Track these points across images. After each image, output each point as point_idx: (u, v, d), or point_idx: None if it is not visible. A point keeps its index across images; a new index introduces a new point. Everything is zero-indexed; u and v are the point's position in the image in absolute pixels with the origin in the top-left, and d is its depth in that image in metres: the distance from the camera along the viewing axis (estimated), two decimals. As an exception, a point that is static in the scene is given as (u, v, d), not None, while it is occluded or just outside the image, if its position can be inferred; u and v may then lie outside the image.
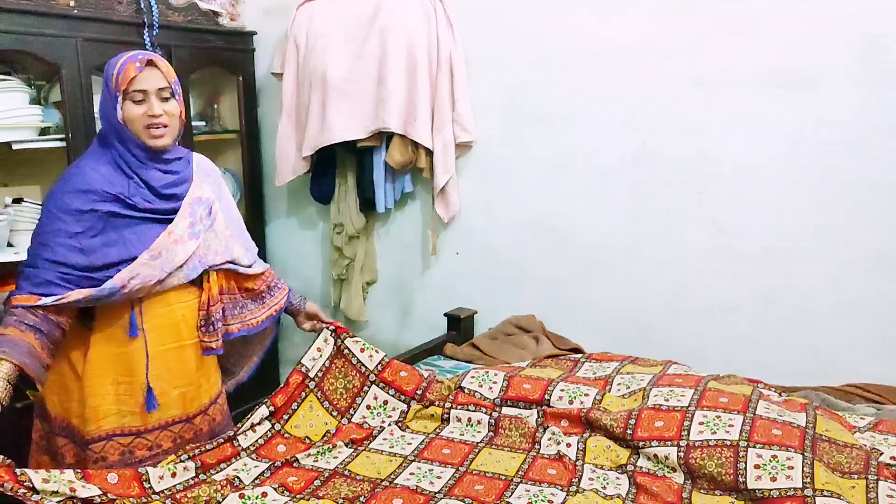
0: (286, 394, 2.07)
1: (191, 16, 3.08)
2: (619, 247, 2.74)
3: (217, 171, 2.08)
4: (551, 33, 2.76)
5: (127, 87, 1.76)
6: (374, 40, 2.92)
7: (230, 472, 1.81)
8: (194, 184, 1.92)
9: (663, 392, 2.07)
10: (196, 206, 1.90)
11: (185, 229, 1.87)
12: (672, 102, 2.58)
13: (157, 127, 1.79)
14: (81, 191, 1.75)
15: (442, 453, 1.93)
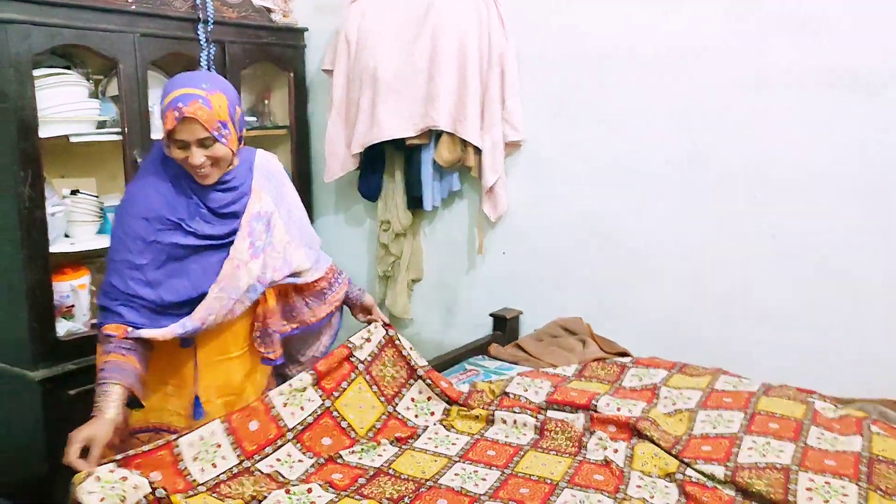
0: (328, 364, 2.01)
1: (244, 12, 3.11)
2: (669, 250, 2.69)
3: (280, 171, 2.04)
4: (603, 32, 2.72)
5: (169, 132, 1.73)
6: (426, 37, 2.91)
7: (273, 461, 1.79)
8: (253, 196, 1.89)
9: (711, 417, 2.04)
10: (255, 223, 1.88)
11: (246, 250, 1.86)
12: (726, 104, 2.52)
13: (202, 169, 1.77)
14: (145, 218, 1.77)
15: (486, 455, 1.92)
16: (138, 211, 1.78)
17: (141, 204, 1.78)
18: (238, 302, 1.87)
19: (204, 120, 1.71)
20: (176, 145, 1.74)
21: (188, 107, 1.69)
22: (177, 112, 1.69)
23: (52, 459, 2.50)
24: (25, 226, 2.42)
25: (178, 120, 1.69)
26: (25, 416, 2.54)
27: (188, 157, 1.74)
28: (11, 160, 2.38)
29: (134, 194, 1.81)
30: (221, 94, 1.76)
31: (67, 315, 2.66)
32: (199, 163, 1.74)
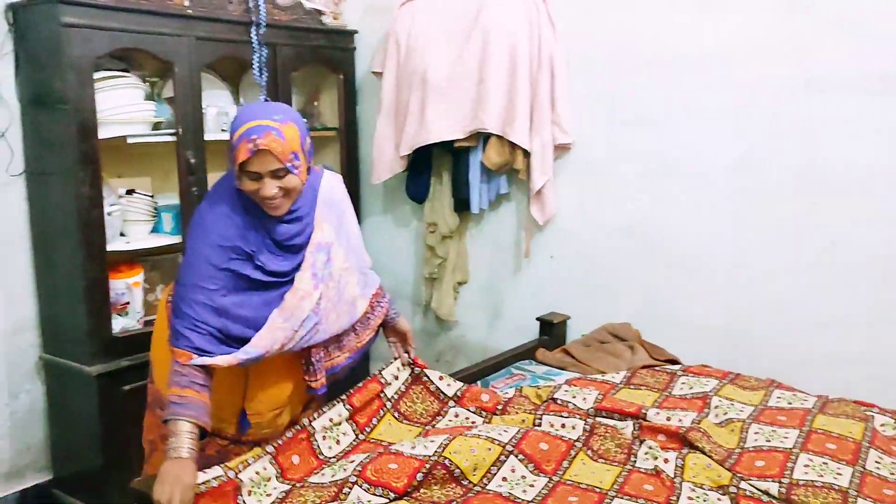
0: (362, 399, 2.04)
1: (295, 14, 3.14)
2: (721, 256, 2.64)
3: (342, 198, 2.00)
4: (655, 34, 2.69)
5: (241, 167, 1.73)
6: (476, 40, 2.91)
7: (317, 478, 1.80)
8: (315, 227, 1.88)
9: (764, 432, 2.00)
10: (316, 254, 1.88)
11: (309, 280, 1.86)
12: (781, 107, 2.46)
13: (273, 201, 1.76)
14: (221, 246, 1.77)
15: (539, 448, 1.88)
16: (214, 238, 1.77)
17: (216, 231, 1.78)
18: (298, 331, 1.86)
19: (278, 152, 1.70)
20: (248, 177, 1.73)
21: (262, 139, 1.68)
22: (251, 144, 1.68)
23: (107, 453, 2.57)
24: (84, 224, 2.49)
25: (252, 152, 1.68)
26: (82, 410, 2.60)
27: (260, 189, 1.73)
28: (72, 161, 2.45)
29: (209, 221, 1.80)
30: (293, 125, 1.76)
31: (122, 312, 2.72)
32: (272, 194, 1.73)
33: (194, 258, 1.77)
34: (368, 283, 2.10)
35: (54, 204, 2.57)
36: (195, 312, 1.75)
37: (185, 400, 1.70)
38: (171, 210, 2.87)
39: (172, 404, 1.70)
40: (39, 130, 2.57)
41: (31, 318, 2.72)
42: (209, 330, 1.76)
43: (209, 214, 1.81)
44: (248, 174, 1.72)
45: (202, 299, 1.75)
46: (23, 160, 2.63)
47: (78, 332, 2.56)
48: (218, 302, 1.77)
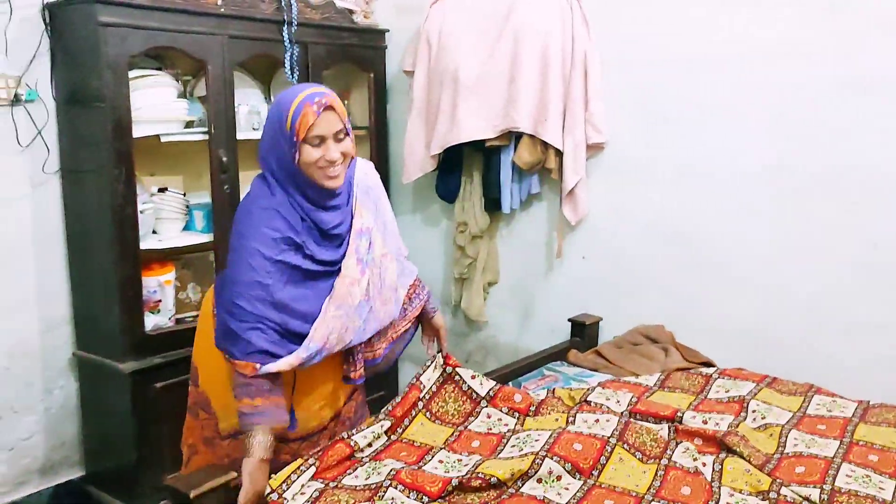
0: (404, 408, 2.04)
1: (327, 13, 3.14)
2: (757, 257, 2.60)
3: (377, 184, 2.02)
4: (692, 33, 2.65)
5: (306, 135, 1.72)
6: (508, 39, 2.89)
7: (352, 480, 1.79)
8: (356, 214, 1.90)
9: (804, 439, 1.96)
10: (359, 240, 1.89)
11: (355, 267, 1.88)
12: (821, 107, 2.42)
13: (334, 168, 1.77)
14: (273, 238, 1.76)
15: (573, 449, 1.85)
16: (264, 232, 1.76)
17: (265, 224, 1.76)
18: (352, 319, 1.87)
19: (340, 111, 1.76)
20: (311, 144, 1.73)
21: (325, 98, 1.73)
22: (315, 106, 1.71)
23: (140, 449, 2.58)
24: (118, 222, 2.50)
25: (320, 111, 1.71)
26: (115, 407, 2.62)
27: (325, 154, 1.74)
28: (107, 159, 2.47)
29: (256, 216, 1.78)
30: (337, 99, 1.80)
31: (154, 310, 2.74)
32: (337, 157, 1.75)
33: (246, 254, 1.75)
34: (405, 273, 2.09)
35: (89, 202, 2.59)
36: (255, 308, 1.73)
37: (257, 409, 1.72)
38: (203, 208, 2.88)
39: (245, 415, 1.73)
40: (75, 129, 2.60)
41: (65, 315, 2.75)
42: (271, 326, 1.75)
43: (255, 209, 1.80)
44: (310, 142, 1.73)
45: (261, 294, 1.74)
46: (58, 158, 2.66)
47: (111, 329, 2.58)
48: (276, 296, 1.75)
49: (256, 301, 1.74)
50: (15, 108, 2.54)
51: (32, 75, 2.56)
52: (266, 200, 1.79)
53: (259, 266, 1.74)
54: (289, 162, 1.76)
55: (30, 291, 2.66)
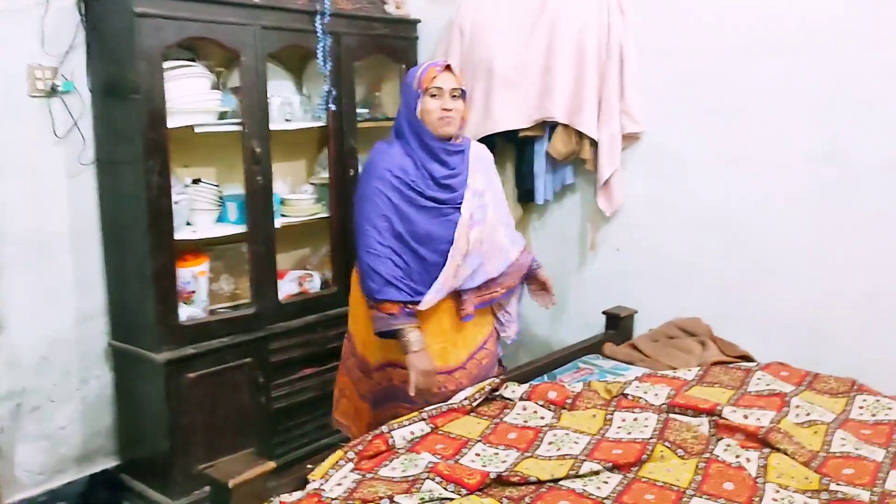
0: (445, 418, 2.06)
1: (359, 3, 3.13)
2: (802, 250, 2.54)
3: (490, 159, 2.42)
4: (732, 18, 2.60)
5: (428, 86, 2.16)
6: (543, 29, 2.85)
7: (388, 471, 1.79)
8: (469, 175, 2.26)
9: (850, 440, 1.91)
10: (473, 198, 2.25)
11: (468, 219, 2.23)
12: (872, 94, 2.35)
13: (448, 117, 2.17)
14: (390, 171, 2.16)
15: (613, 454, 1.83)
16: (380, 170, 2.17)
17: (382, 165, 2.18)
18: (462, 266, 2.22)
19: (456, 73, 2.22)
20: (430, 95, 2.17)
21: (445, 63, 2.21)
22: (438, 67, 2.19)
23: (173, 438, 2.60)
24: (153, 213, 2.51)
25: (440, 71, 2.18)
26: (149, 396, 2.64)
27: (441, 105, 2.17)
28: (142, 150, 2.48)
29: (376, 160, 2.21)
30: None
31: (188, 301, 2.75)
32: (451, 106, 2.18)
33: (368, 191, 2.17)
34: (516, 240, 2.45)
35: (124, 192, 2.60)
36: (382, 237, 2.14)
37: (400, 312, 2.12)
38: (236, 199, 2.88)
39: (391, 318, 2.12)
40: (110, 120, 2.61)
41: (101, 306, 2.77)
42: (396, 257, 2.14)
43: (378, 157, 2.22)
44: (430, 92, 2.17)
45: (384, 225, 2.15)
46: (94, 149, 2.67)
47: (146, 319, 2.59)
48: (396, 228, 2.15)
49: (383, 231, 2.15)
50: (51, 99, 2.56)
51: (68, 66, 2.58)
52: (385, 149, 2.23)
53: (380, 200, 2.15)
54: (412, 113, 2.20)
55: (66, 282, 2.68)
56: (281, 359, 2.90)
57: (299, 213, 3.09)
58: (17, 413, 2.59)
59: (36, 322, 2.62)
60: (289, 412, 2.95)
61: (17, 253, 2.54)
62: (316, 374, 3.03)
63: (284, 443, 2.95)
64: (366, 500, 1.63)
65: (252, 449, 2.80)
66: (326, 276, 3.22)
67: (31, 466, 2.64)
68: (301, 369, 2.99)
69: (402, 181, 2.16)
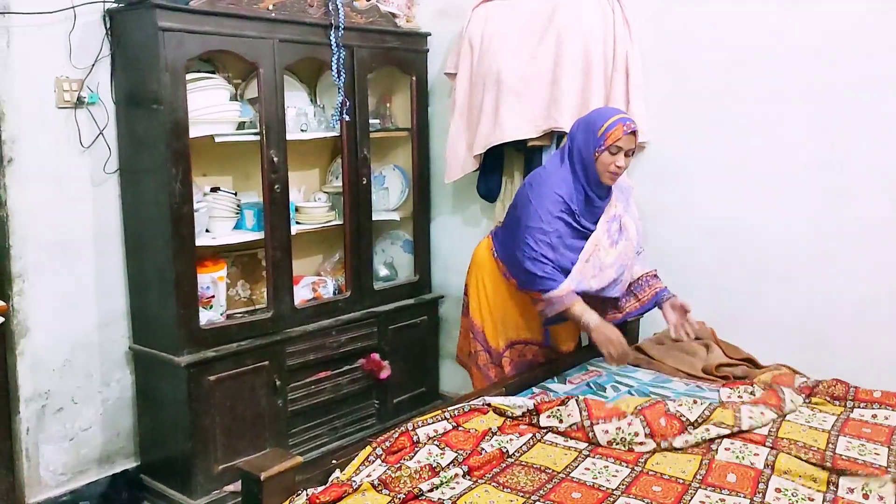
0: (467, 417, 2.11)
1: (371, 17, 3.22)
2: (802, 256, 2.62)
3: (628, 186, 2.65)
4: (733, 31, 2.69)
5: (612, 143, 2.36)
6: (550, 40, 2.94)
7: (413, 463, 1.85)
8: (610, 203, 2.52)
9: (854, 445, 1.95)
10: (610, 223, 2.51)
11: (605, 240, 2.50)
12: (869, 105, 2.44)
13: (617, 174, 2.41)
14: (559, 196, 2.42)
15: (615, 451, 1.92)
16: (556, 190, 2.43)
17: (558, 185, 2.44)
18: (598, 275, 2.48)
19: (636, 137, 2.41)
20: (610, 151, 2.37)
21: (633, 125, 2.39)
22: (625, 127, 2.37)
23: (194, 440, 2.67)
24: (175, 219, 2.59)
25: (626, 132, 2.36)
26: (170, 399, 2.71)
27: (615, 161, 2.38)
28: (164, 159, 2.56)
29: (552, 182, 2.45)
30: None
31: (207, 305, 2.82)
32: (623, 166, 2.40)
33: (539, 207, 2.42)
34: (644, 263, 2.68)
35: (146, 200, 2.68)
36: (538, 246, 2.41)
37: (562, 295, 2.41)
38: (254, 207, 2.96)
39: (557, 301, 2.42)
40: (134, 130, 2.69)
41: (122, 310, 2.85)
42: (547, 262, 2.41)
43: (551, 178, 2.46)
44: (611, 150, 2.36)
45: (543, 238, 2.41)
46: (117, 158, 2.76)
47: (167, 323, 2.67)
48: (553, 241, 2.43)
49: (540, 242, 2.41)
50: (78, 110, 2.64)
51: (94, 79, 2.66)
52: (558, 174, 2.46)
53: (546, 218, 2.41)
54: (589, 155, 2.41)
55: (89, 287, 2.76)
56: (297, 362, 2.98)
57: (313, 220, 3.18)
58: (42, 414, 2.66)
59: (60, 326, 2.69)
60: (304, 414, 3.03)
61: (41, 259, 2.62)
62: (330, 377, 3.10)
63: (300, 444, 3.02)
64: (390, 486, 1.70)
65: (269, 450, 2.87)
66: (339, 282, 3.30)
67: (54, 467, 2.71)
68: (316, 372, 3.06)
69: (568, 207, 2.43)
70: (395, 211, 3.54)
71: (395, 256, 3.65)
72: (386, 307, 3.33)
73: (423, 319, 3.48)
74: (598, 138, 2.38)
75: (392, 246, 3.68)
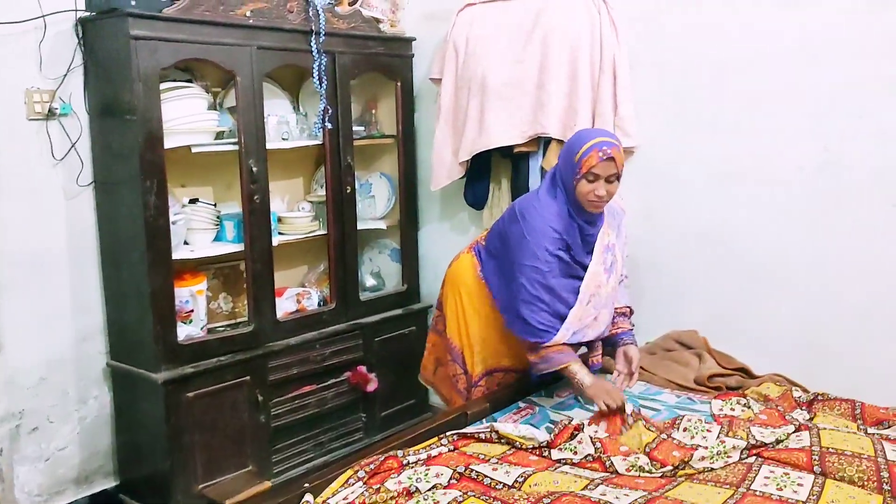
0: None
1: (354, 23, 3.15)
2: (796, 261, 2.55)
3: (620, 210, 2.44)
4: (725, 32, 2.62)
5: (587, 171, 2.14)
6: (536, 44, 2.88)
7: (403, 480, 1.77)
8: (603, 231, 2.30)
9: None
10: (605, 254, 2.31)
11: (602, 273, 2.29)
12: (862, 106, 2.37)
13: (598, 203, 2.19)
14: (555, 231, 2.22)
15: (635, 482, 1.78)
16: (551, 226, 2.22)
17: (552, 221, 2.23)
18: (597, 317, 2.31)
19: (619, 161, 2.16)
20: (587, 179, 2.15)
21: (611, 150, 2.15)
22: (601, 153, 2.14)
23: (173, 458, 2.60)
24: (150, 232, 2.53)
25: (602, 159, 2.13)
26: (148, 416, 2.64)
27: (594, 190, 2.16)
28: (139, 170, 2.49)
29: (546, 216, 2.23)
30: (622, 149, 2.22)
31: (186, 320, 2.75)
32: (603, 194, 2.16)
33: (534, 245, 2.22)
34: (624, 294, 2.50)
35: (122, 213, 2.62)
36: (533, 288, 2.21)
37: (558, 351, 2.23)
38: (234, 219, 2.89)
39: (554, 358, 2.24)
40: (107, 141, 2.63)
41: (99, 326, 2.78)
42: (542, 306, 2.22)
43: (545, 212, 2.24)
44: (587, 177, 2.15)
45: (538, 278, 2.21)
46: (91, 171, 2.69)
47: (145, 338, 2.60)
48: (549, 282, 2.22)
49: (535, 283, 2.21)
50: (49, 121, 2.58)
51: (66, 89, 2.60)
52: (552, 207, 2.25)
53: (542, 256, 2.21)
54: (570, 182, 2.21)
55: (65, 302, 2.69)
56: (279, 377, 2.90)
57: (297, 230, 3.11)
58: (16, 434, 2.59)
59: (34, 343, 2.62)
60: (289, 430, 2.96)
61: (15, 274, 2.56)
62: (315, 391, 3.03)
63: (284, 461, 2.95)
64: None
65: (251, 468, 2.80)
66: (324, 294, 3.23)
67: (30, 488, 2.64)
68: (300, 387, 2.99)
69: (565, 243, 2.24)
70: (382, 219, 3.47)
71: (383, 266, 3.58)
72: (373, 318, 3.26)
73: (412, 330, 3.40)
74: (575, 164, 2.17)
75: (379, 255, 3.61)
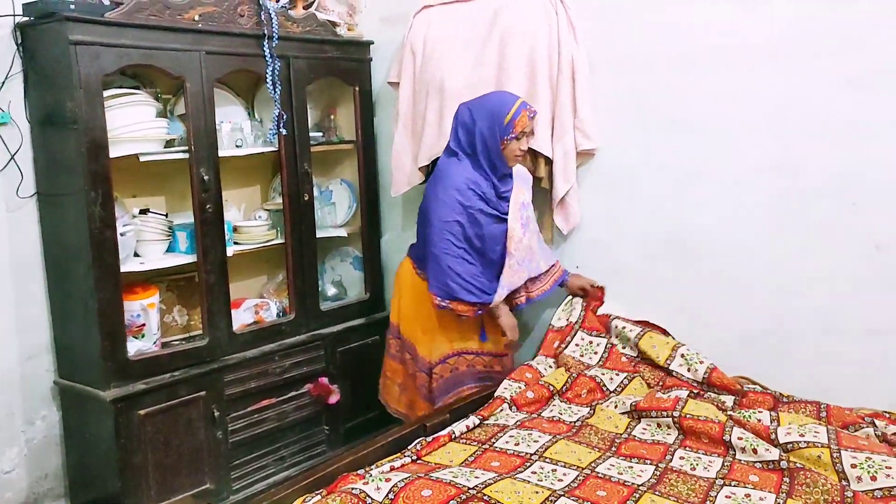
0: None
1: (309, 26, 3.07)
2: (759, 263, 2.52)
3: (529, 177, 2.72)
4: (683, 31, 2.60)
5: (521, 130, 2.45)
6: (493, 45, 2.83)
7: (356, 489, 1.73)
8: (516, 189, 2.58)
9: (859, 458, 1.84)
10: (521, 210, 2.57)
11: (519, 229, 2.54)
12: (821, 104, 2.35)
13: (521, 157, 2.54)
14: (469, 188, 2.45)
15: (639, 451, 2.00)
16: (460, 180, 2.47)
17: (463, 176, 2.48)
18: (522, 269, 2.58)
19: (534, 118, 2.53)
20: (518, 138, 2.46)
21: (533, 108, 2.51)
22: (528, 111, 2.48)
23: (124, 478, 2.50)
24: (96, 245, 2.43)
25: (531, 117, 2.48)
26: (98, 435, 2.54)
27: (520, 146, 2.49)
28: (83, 181, 2.40)
29: (453, 171, 2.49)
30: None
31: (138, 334, 2.66)
32: (526, 148, 2.53)
33: (448, 199, 2.45)
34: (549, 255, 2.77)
35: (66, 225, 2.52)
36: (457, 241, 2.46)
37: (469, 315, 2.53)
38: (186, 229, 2.80)
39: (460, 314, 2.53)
40: (50, 151, 2.53)
41: (46, 343, 2.67)
42: (468, 258, 2.48)
43: (453, 169, 2.50)
44: (518, 136, 2.46)
45: (459, 230, 2.45)
46: (34, 182, 2.59)
47: (92, 355, 2.50)
48: (468, 232, 2.47)
49: (457, 234, 2.45)
50: (-12, 131, 2.48)
51: (5, 97, 2.50)
52: (460, 164, 2.50)
53: (456, 208, 2.45)
54: (496, 144, 2.47)
55: (9, 319, 2.59)
56: (237, 391, 2.81)
57: (253, 240, 3.02)
58: (-41, 459, 2.49)
59: (-23, 362, 2.52)
60: (247, 445, 2.87)
61: (-45, 291, 2.45)
62: (274, 405, 2.94)
63: (243, 476, 2.86)
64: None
65: (209, 486, 2.71)
66: (284, 304, 3.15)
67: (-26, 514, 2.54)
68: (258, 401, 2.90)
69: (475, 192, 2.46)
70: (343, 227, 3.39)
71: (345, 274, 3.50)
72: (334, 328, 3.18)
73: (375, 339, 3.32)
74: (506, 126, 2.44)
75: (341, 263, 3.53)
